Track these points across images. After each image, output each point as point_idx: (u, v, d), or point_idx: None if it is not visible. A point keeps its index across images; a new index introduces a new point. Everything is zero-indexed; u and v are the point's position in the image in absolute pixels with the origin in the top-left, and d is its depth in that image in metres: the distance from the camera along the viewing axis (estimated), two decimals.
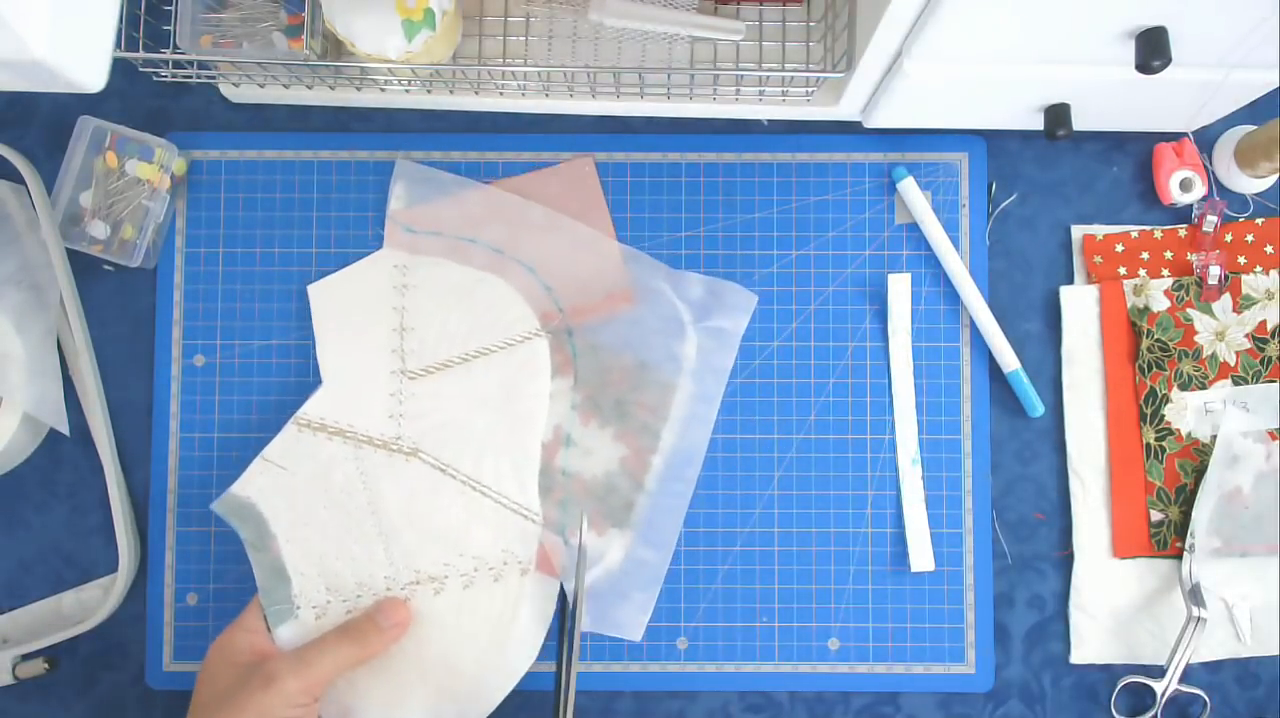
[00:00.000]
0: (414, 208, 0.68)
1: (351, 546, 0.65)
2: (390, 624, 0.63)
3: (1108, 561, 0.68)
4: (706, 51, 0.66)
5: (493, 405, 0.66)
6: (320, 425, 0.66)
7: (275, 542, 0.65)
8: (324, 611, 0.64)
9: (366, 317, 0.67)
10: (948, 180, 0.69)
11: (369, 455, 0.66)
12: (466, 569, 0.65)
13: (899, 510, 0.68)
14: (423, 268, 0.67)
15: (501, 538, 0.65)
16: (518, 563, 0.65)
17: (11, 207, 0.67)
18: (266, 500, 0.65)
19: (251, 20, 0.62)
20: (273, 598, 0.64)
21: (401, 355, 0.67)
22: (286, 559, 0.65)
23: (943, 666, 0.67)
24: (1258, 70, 0.56)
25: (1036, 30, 0.52)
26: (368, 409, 0.66)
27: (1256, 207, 0.69)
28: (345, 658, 0.61)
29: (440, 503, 0.66)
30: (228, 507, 0.66)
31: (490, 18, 0.66)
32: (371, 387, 0.66)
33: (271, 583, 0.64)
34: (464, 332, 0.67)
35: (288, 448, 0.66)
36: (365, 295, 0.67)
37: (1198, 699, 0.67)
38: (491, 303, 0.67)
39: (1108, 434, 0.68)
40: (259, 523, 0.65)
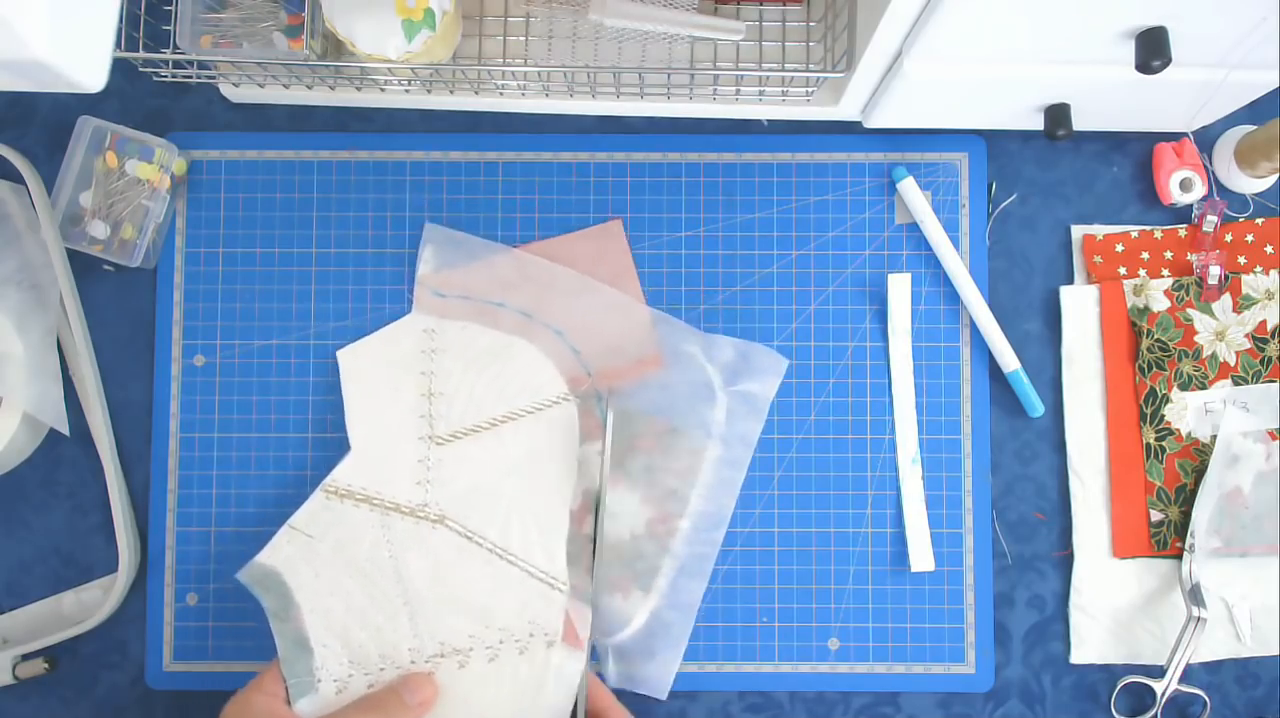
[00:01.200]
0: (442, 272, 0.68)
1: (376, 616, 0.64)
2: (416, 702, 0.60)
3: (1108, 561, 0.68)
4: (706, 51, 0.66)
5: (521, 471, 0.65)
6: (348, 492, 0.65)
7: (299, 612, 0.64)
8: (345, 684, 0.63)
9: (395, 382, 0.67)
10: (948, 180, 0.69)
11: (396, 523, 0.65)
12: (492, 642, 0.64)
13: (899, 510, 0.68)
14: (451, 332, 0.67)
15: (528, 608, 0.64)
16: (544, 635, 0.64)
17: (11, 207, 0.67)
18: (292, 569, 0.64)
19: (251, 20, 0.62)
20: (294, 670, 0.62)
21: (430, 421, 0.66)
22: (310, 631, 0.63)
23: (943, 666, 0.67)
24: (1258, 70, 0.56)
25: (1036, 30, 0.52)
26: (395, 476, 0.66)
27: (1256, 207, 0.69)
28: None
29: (467, 572, 0.64)
30: (253, 576, 0.64)
31: (490, 18, 0.66)
32: (399, 453, 0.66)
33: (293, 654, 0.63)
34: (492, 396, 0.66)
35: (315, 516, 0.65)
36: (394, 360, 0.67)
37: (1198, 699, 0.67)
38: (520, 367, 0.66)
39: (1108, 434, 0.68)
40: (283, 593, 0.64)
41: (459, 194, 0.69)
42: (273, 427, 0.68)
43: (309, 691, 0.62)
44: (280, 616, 0.64)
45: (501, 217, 0.69)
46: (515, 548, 0.64)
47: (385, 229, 0.69)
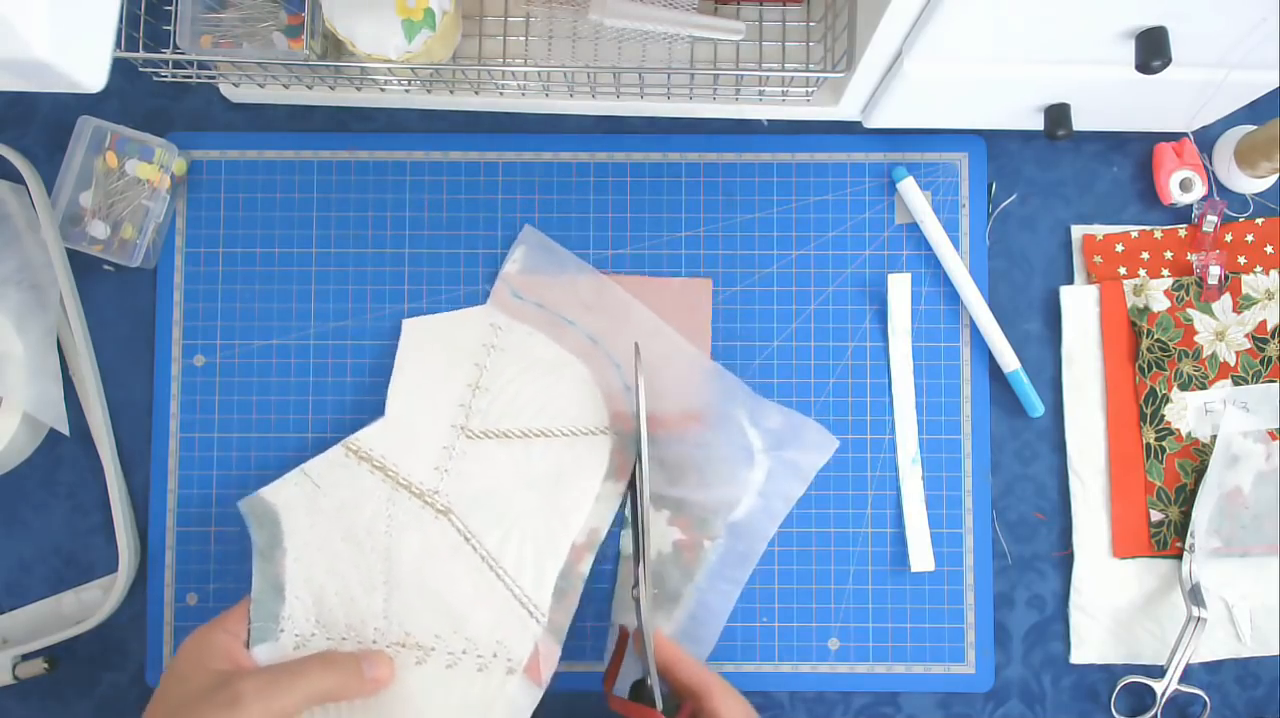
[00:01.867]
0: (526, 275, 0.68)
1: (355, 585, 0.63)
2: (372, 677, 0.59)
3: (1108, 561, 0.68)
4: (706, 51, 0.66)
5: (538, 489, 0.65)
6: (367, 456, 0.65)
7: (284, 556, 0.63)
8: (305, 642, 0.62)
9: (448, 364, 0.66)
10: (948, 180, 0.69)
11: (402, 501, 0.65)
12: (455, 648, 0.62)
13: (899, 510, 0.68)
14: (516, 334, 0.67)
15: (500, 628, 0.62)
16: (507, 660, 0.62)
17: (11, 207, 0.67)
18: (290, 512, 0.64)
19: (251, 20, 0.62)
20: (261, 613, 0.61)
21: (467, 412, 0.66)
22: (288, 578, 0.63)
23: (943, 666, 0.67)
24: (1258, 70, 0.56)
25: (1036, 30, 0.52)
26: (417, 455, 0.65)
27: (1256, 207, 0.69)
28: (320, 689, 0.56)
29: (453, 571, 0.63)
30: (252, 508, 0.64)
31: (490, 18, 0.66)
32: (429, 434, 0.66)
33: (266, 597, 0.62)
34: (534, 408, 0.66)
35: (329, 468, 0.65)
36: (454, 343, 0.67)
37: (1198, 699, 0.67)
38: (568, 388, 0.66)
39: (1108, 434, 0.68)
40: (275, 532, 0.63)
41: (459, 194, 0.69)
42: (273, 427, 0.68)
43: (270, 637, 0.61)
44: (265, 554, 0.63)
45: (502, 216, 0.69)
46: (508, 564, 0.63)
47: (385, 229, 0.69)
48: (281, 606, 0.62)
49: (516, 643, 0.62)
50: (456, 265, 0.69)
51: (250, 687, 0.54)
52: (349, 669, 0.58)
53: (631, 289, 0.68)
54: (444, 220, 0.69)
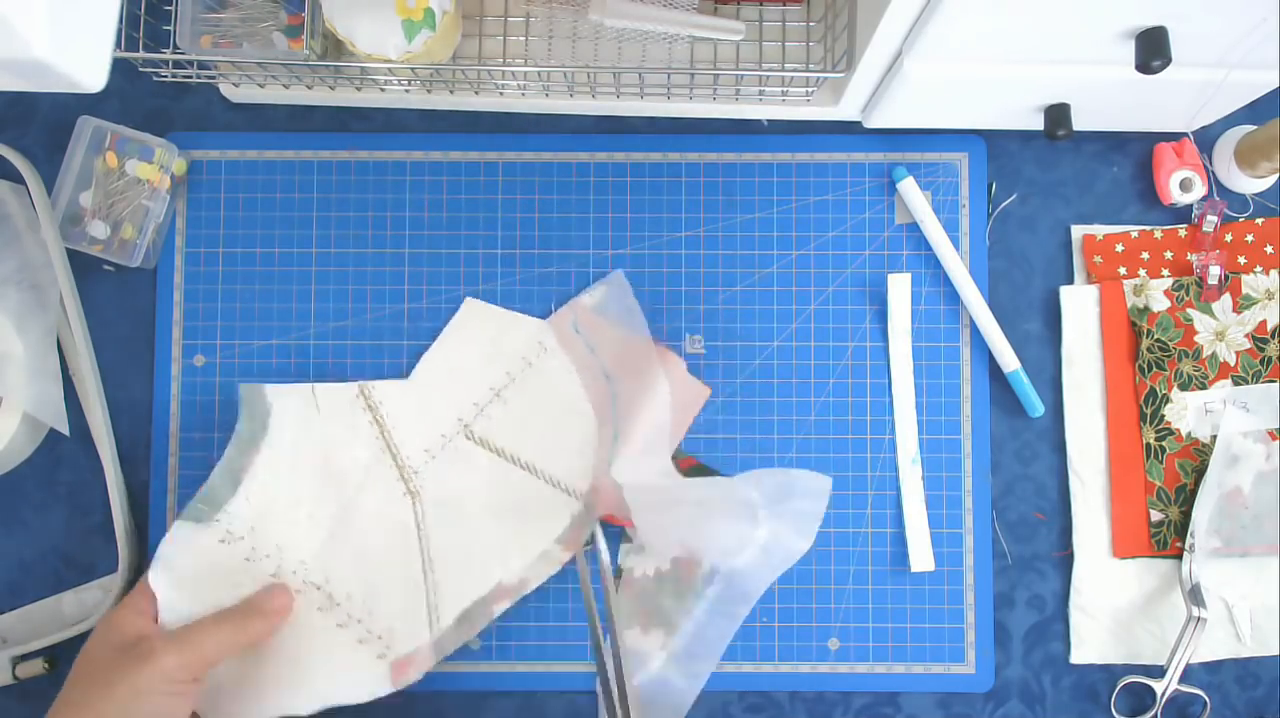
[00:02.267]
0: (597, 314, 0.67)
1: (303, 516, 0.64)
2: (272, 608, 0.61)
3: (1108, 561, 0.68)
4: (706, 51, 0.66)
5: (498, 517, 0.65)
6: (374, 406, 0.65)
7: (257, 455, 0.64)
8: (230, 543, 0.63)
9: (485, 360, 0.67)
10: (948, 180, 0.69)
11: (384, 465, 0.65)
12: (354, 613, 0.64)
13: (899, 510, 0.68)
14: (556, 362, 0.67)
15: (400, 618, 0.64)
16: (387, 647, 0.63)
17: (11, 207, 0.67)
18: (282, 419, 0.65)
19: (251, 20, 0.62)
20: (209, 498, 0.63)
21: (477, 413, 0.66)
22: (250, 476, 0.63)
23: (943, 666, 0.67)
24: (1258, 70, 0.56)
25: (1036, 30, 0.52)
26: (417, 430, 0.66)
27: (1256, 207, 0.69)
28: (225, 641, 0.59)
29: (392, 549, 0.65)
30: (250, 396, 0.65)
31: (490, 18, 0.66)
32: (436, 416, 0.66)
33: (220, 483, 0.63)
34: (534, 440, 0.66)
35: (336, 400, 0.65)
36: (499, 342, 0.67)
37: (1198, 699, 0.67)
38: (572, 441, 0.66)
39: (1108, 434, 0.68)
40: (260, 430, 0.64)
41: (459, 194, 0.69)
42: None
43: (201, 519, 0.62)
44: (242, 444, 0.64)
45: (502, 216, 0.69)
46: (438, 569, 0.64)
47: (385, 229, 0.69)
48: (230, 499, 0.63)
49: (403, 639, 0.63)
50: (456, 265, 0.69)
51: (161, 642, 0.56)
52: (246, 613, 0.60)
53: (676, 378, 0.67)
54: (444, 220, 0.69)
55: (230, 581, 0.63)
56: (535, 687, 0.67)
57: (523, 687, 0.67)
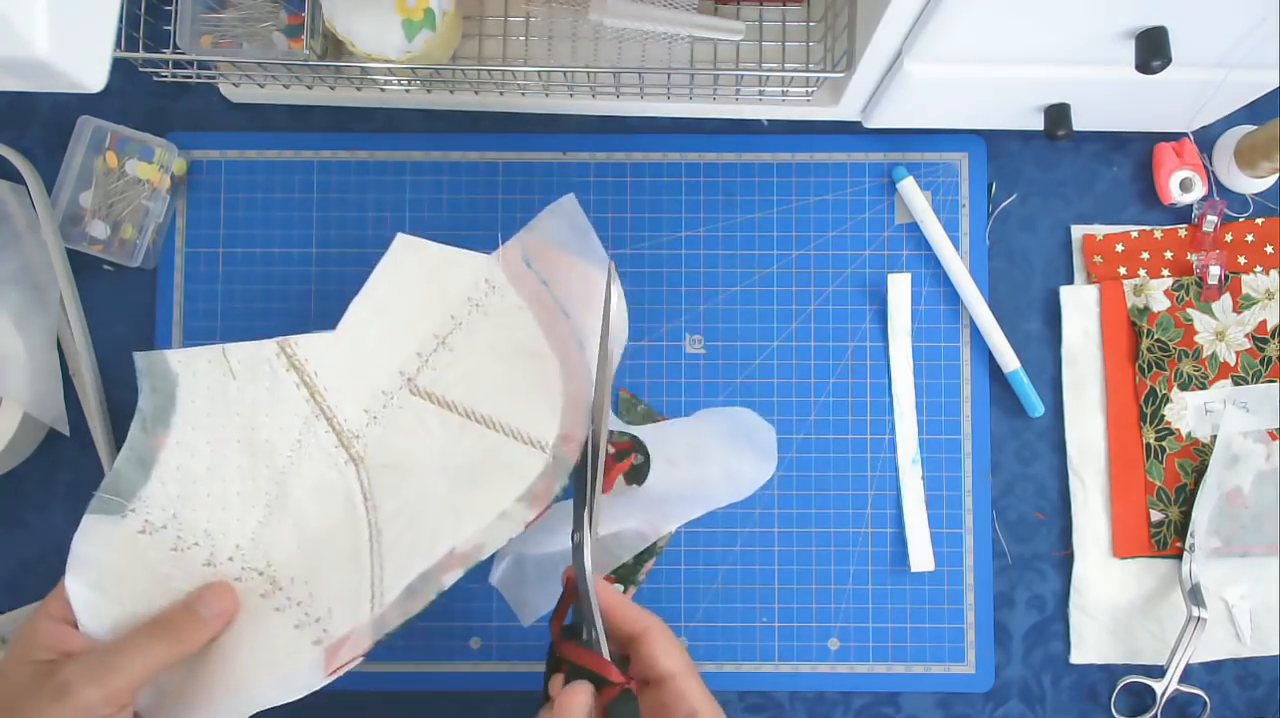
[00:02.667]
0: (547, 244, 0.60)
1: (233, 496, 0.57)
2: (213, 613, 0.54)
3: (1108, 561, 0.68)
4: (706, 51, 0.66)
5: (450, 478, 0.57)
6: (299, 366, 0.58)
7: (166, 435, 0.57)
8: (150, 534, 0.55)
9: (423, 303, 0.59)
10: (948, 180, 0.69)
11: (319, 432, 0.58)
12: (295, 597, 0.56)
13: (899, 510, 0.68)
14: (506, 301, 0.59)
15: (339, 598, 0.56)
16: (323, 631, 0.55)
17: (11, 207, 0.67)
18: (192, 390, 0.57)
19: (251, 20, 0.62)
20: (117, 486, 0.56)
21: (420, 364, 0.59)
22: (161, 459, 0.56)
23: (943, 666, 0.67)
24: (1258, 70, 0.56)
25: (1036, 30, 0.52)
26: (353, 388, 0.58)
27: (1256, 207, 0.69)
28: (157, 658, 0.52)
29: (336, 524, 0.57)
30: (151, 365, 0.57)
31: (490, 18, 0.66)
32: (373, 370, 0.59)
33: (129, 471, 0.56)
34: (488, 390, 0.58)
35: (253, 362, 0.58)
36: (440, 282, 0.59)
37: (1198, 699, 0.67)
38: (533, 386, 0.58)
39: (1108, 434, 0.68)
40: (166, 404, 0.57)
41: (459, 194, 0.69)
42: None
43: (113, 512, 0.56)
44: (146, 423, 0.57)
45: (502, 216, 0.69)
46: (385, 540, 0.56)
47: (385, 229, 0.69)
48: (143, 485, 0.56)
49: (340, 620, 0.55)
50: None
51: (79, 671, 0.49)
52: (182, 623, 0.53)
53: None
54: (444, 220, 0.69)
55: (157, 573, 0.56)
56: (535, 687, 0.67)
57: (522, 687, 0.67)
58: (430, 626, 0.67)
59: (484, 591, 0.67)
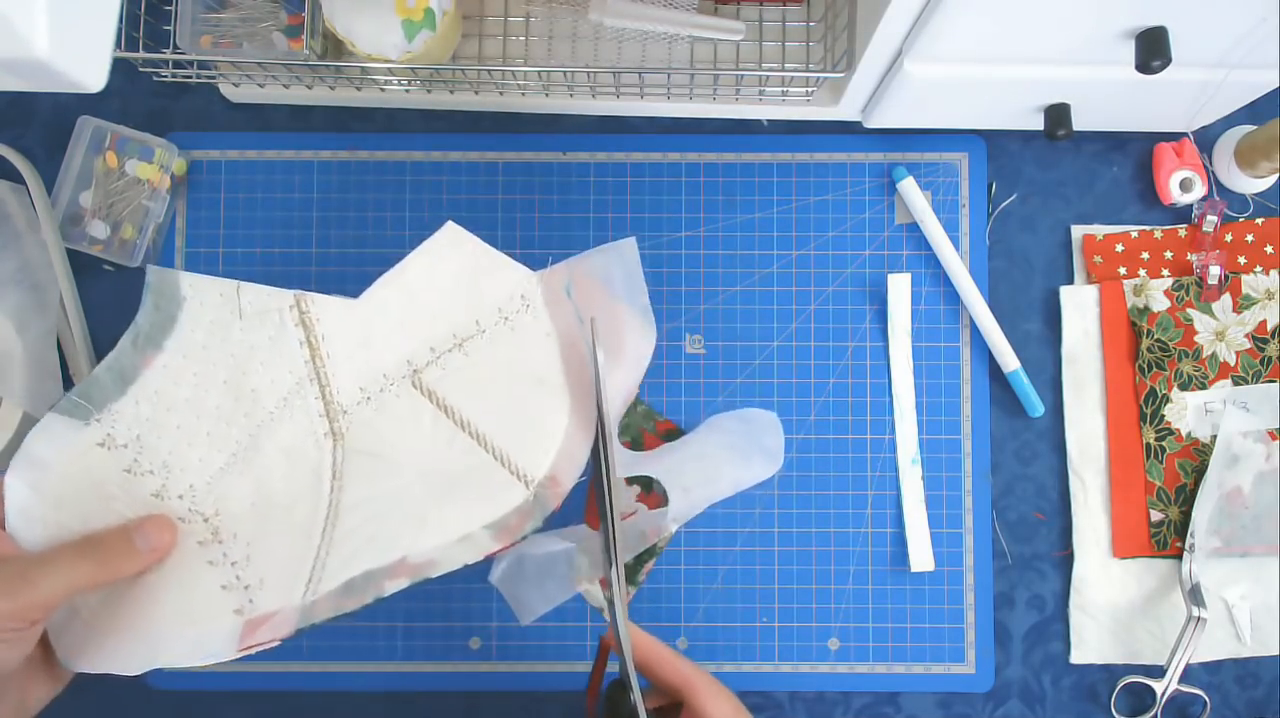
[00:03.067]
0: (595, 281, 0.58)
1: (203, 433, 0.54)
2: (149, 547, 0.52)
3: (1108, 561, 0.68)
4: (706, 51, 0.66)
5: (426, 484, 0.55)
6: (309, 324, 0.56)
7: (156, 356, 0.55)
8: (111, 447, 0.54)
9: (451, 298, 0.57)
10: (948, 180, 0.69)
11: (308, 396, 0.56)
12: (235, 555, 0.54)
13: (899, 510, 0.68)
14: (535, 323, 0.57)
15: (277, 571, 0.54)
16: (249, 601, 0.53)
17: (11, 207, 0.67)
18: (194, 318, 0.55)
19: (251, 20, 0.62)
20: (89, 393, 0.54)
21: (430, 359, 0.56)
22: (143, 378, 0.54)
23: (943, 666, 0.67)
24: (1258, 70, 0.56)
25: (1036, 30, 0.52)
26: (355, 362, 0.56)
27: (1256, 207, 0.69)
28: (80, 579, 0.49)
29: (294, 498, 0.55)
30: (162, 283, 0.56)
31: (490, 18, 0.66)
32: (380, 350, 0.56)
33: (105, 379, 0.54)
34: (491, 407, 0.56)
35: (264, 305, 0.56)
36: (475, 283, 0.57)
37: (1198, 699, 0.67)
38: (536, 419, 0.55)
39: (1108, 434, 0.68)
40: (165, 325, 0.55)
41: (459, 194, 0.69)
42: None
43: (77, 417, 0.54)
44: (137, 340, 0.55)
45: (502, 216, 0.69)
46: (341, 526, 0.54)
47: (385, 229, 0.69)
48: (116, 399, 0.54)
49: (270, 594, 0.53)
50: None
51: None
52: (115, 549, 0.51)
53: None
54: (444, 220, 0.69)
55: (102, 492, 0.54)
56: (535, 687, 0.67)
57: (522, 687, 0.67)
58: (430, 626, 0.67)
59: (484, 591, 0.67)
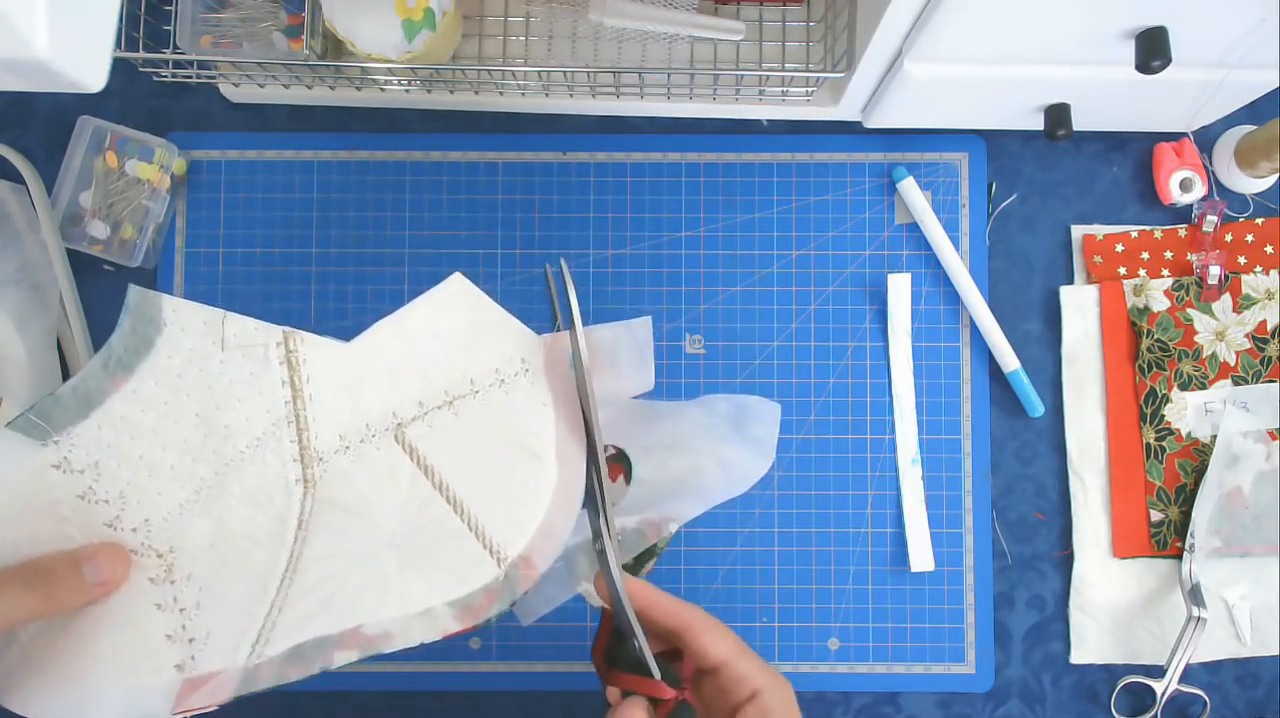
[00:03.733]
0: (601, 353, 0.55)
1: (166, 467, 0.51)
2: (98, 581, 0.48)
3: (1108, 561, 0.68)
4: (706, 51, 0.66)
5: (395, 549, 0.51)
6: (295, 365, 0.53)
7: (125, 380, 0.51)
8: (66, 471, 0.50)
9: (448, 355, 0.54)
10: (948, 180, 0.69)
11: (284, 438, 0.52)
12: (185, 601, 0.50)
13: (899, 510, 0.68)
14: (532, 390, 0.53)
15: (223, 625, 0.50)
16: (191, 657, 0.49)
17: (11, 206, 0.67)
18: (172, 344, 0.52)
19: (251, 20, 0.62)
20: (49, 414, 0.50)
21: (416, 415, 0.53)
22: (108, 403, 0.51)
23: (943, 666, 0.67)
24: (1258, 70, 0.56)
25: (1036, 30, 0.52)
26: (338, 409, 0.53)
27: (1256, 207, 0.69)
28: (21, 611, 0.46)
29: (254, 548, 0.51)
30: (143, 305, 0.52)
31: (490, 18, 0.66)
32: (367, 401, 0.53)
33: (68, 400, 0.50)
34: (473, 475, 0.52)
35: (249, 339, 0.53)
36: (475, 340, 0.54)
37: (1198, 699, 0.67)
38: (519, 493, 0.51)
39: (1108, 434, 0.68)
40: (140, 349, 0.52)
41: (459, 194, 0.69)
42: None
43: (33, 436, 0.50)
44: (109, 362, 0.51)
45: (502, 216, 0.69)
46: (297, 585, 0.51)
47: (385, 229, 0.69)
48: (78, 422, 0.51)
49: (213, 653, 0.49)
50: (456, 265, 0.69)
51: None
52: (62, 581, 0.48)
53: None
54: (444, 220, 0.69)
55: (54, 513, 0.50)
56: (535, 687, 0.67)
57: (522, 687, 0.67)
58: None
59: None
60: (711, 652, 0.50)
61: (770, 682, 0.50)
